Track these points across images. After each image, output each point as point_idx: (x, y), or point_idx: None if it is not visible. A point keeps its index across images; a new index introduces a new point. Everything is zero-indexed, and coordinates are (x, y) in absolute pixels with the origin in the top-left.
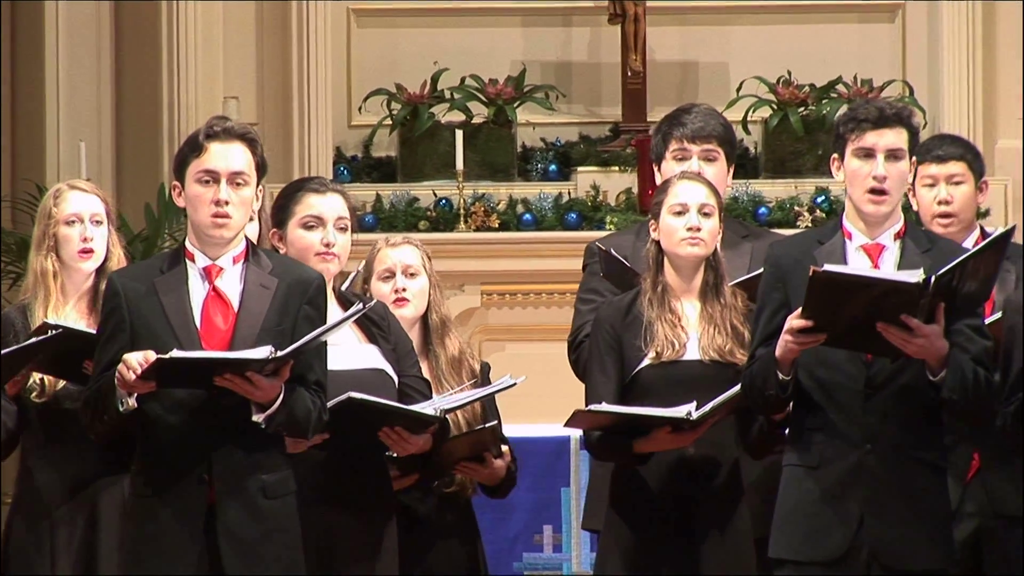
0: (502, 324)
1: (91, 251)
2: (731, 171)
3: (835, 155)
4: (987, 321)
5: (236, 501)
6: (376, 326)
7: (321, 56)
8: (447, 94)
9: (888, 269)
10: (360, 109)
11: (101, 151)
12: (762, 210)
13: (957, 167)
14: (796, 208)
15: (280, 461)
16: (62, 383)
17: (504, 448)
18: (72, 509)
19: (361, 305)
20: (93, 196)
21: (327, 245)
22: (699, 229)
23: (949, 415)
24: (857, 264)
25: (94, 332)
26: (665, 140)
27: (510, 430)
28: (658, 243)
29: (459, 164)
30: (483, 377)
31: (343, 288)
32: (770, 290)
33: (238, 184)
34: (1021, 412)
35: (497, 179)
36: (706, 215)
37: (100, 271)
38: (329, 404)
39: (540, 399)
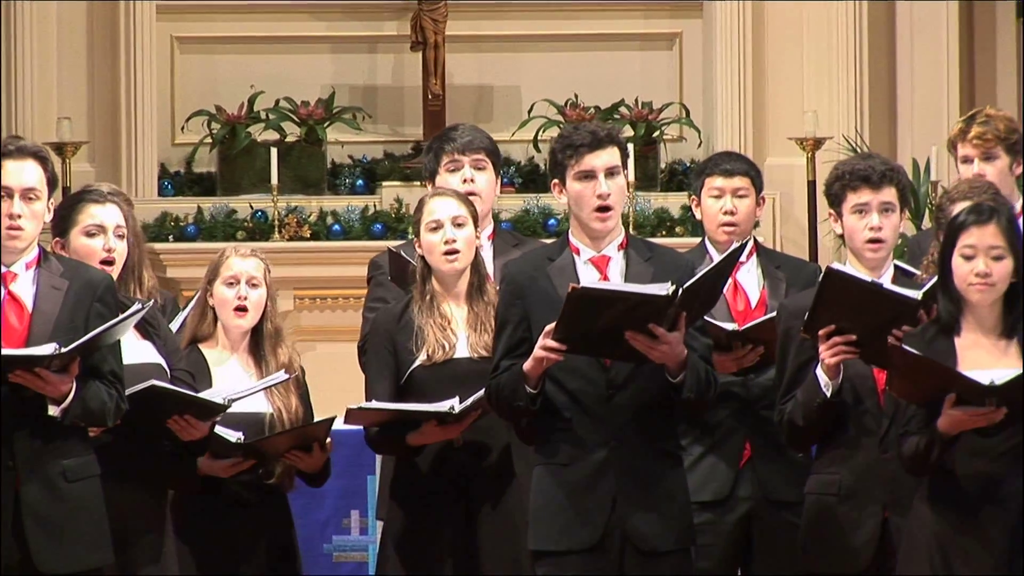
0: (314, 326)
1: None
2: (499, 181)
3: (556, 180)
4: (754, 323)
5: (38, 485)
6: (150, 324)
7: (147, 79)
8: (263, 115)
9: (615, 279)
10: (183, 128)
11: None
12: (552, 221)
13: (742, 182)
14: None
15: (81, 447)
16: None
17: (328, 441)
18: None
19: (139, 306)
20: None
21: (108, 251)
22: (455, 241)
23: (684, 412)
24: (587, 276)
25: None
26: (437, 156)
27: None
28: (423, 257)
29: (274, 179)
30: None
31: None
32: (508, 306)
33: (30, 199)
34: (798, 409)
35: (309, 193)
36: (460, 226)
37: None
38: (131, 391)
39: (348, 394)
